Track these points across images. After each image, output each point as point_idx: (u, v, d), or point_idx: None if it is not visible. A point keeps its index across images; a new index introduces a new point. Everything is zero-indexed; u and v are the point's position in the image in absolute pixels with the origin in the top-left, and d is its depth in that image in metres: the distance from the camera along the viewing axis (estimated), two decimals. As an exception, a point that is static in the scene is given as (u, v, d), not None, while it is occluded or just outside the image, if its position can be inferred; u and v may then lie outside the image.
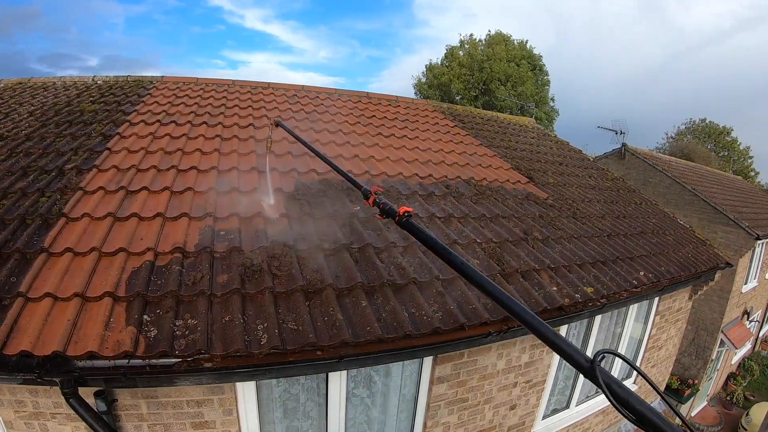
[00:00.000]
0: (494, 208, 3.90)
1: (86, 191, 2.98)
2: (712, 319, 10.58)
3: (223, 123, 4.50)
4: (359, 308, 2.30)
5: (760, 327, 14.09)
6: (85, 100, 4.93)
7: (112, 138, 3.87)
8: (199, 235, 2.62)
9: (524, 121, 8.12)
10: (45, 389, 2.00)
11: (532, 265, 3.13)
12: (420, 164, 4.50)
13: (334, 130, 4.89)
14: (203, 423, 2.25)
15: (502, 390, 3.20)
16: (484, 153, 5.46)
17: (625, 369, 4.68)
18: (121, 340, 1.86)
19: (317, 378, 2.58)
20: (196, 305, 2.11)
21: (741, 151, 27.90)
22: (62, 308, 2.00)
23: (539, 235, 3.64)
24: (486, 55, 20.07)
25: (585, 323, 3.80)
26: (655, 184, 11.65)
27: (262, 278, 2.33)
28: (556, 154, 6.62)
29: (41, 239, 2.44)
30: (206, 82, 6.03)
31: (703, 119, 28.69)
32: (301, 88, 6.36)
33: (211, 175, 3.38)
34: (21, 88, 5.48)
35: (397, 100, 6.96)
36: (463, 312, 2.47)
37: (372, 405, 2.90)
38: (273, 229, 2.80)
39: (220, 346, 1.93)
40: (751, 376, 13.08)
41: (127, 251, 2.41)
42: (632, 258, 3.87)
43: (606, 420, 4.51)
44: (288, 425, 2.64)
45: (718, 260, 4.72)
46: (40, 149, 3.58)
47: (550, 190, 4.86)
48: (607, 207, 5.03)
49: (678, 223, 5.39)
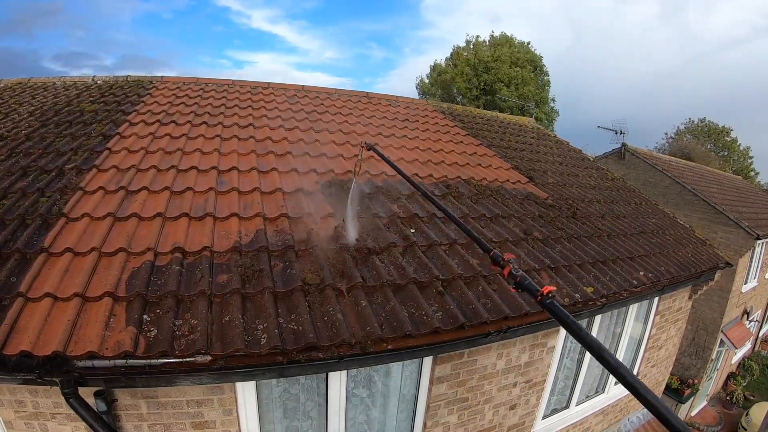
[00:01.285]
0: (494, 207, 3.90)
1: (86, 191, 2.98)
2: (712, 319, 10.59)
3: (223, 123, 4.50)
4: (360, 307, 2.30)
5: (760, 327, 14.10)
6: (85, 100, 4.93)
7: (112, 138, 3.87)
8: (200, 235, 2.62)
9: (524, 121, 8.12)
10: (45, 389, 2.00)
11: (532, 265, 3.13)
12: (420, 164, 4.50)
13: (334, 130, 4.89)
14: (203, 423, 2.25)
15: (502, 390, 3.20)
16: (484, 153, 5.46)
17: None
18: (121, 340, 1.86)
19: (317, 378, 2.58)
20: (197, 305, 2.11)
21: (741, 151, 27.90)
22: (62, 308, 2.00)
23: (539, 234, 3.64)
24: (492, 56, 20.12)
25: (585, 323, 3.80)
26: (655, 184, 11.65)
27: (262, 279, 2.33)
28: (556, 153, 6.62)
29: (41, 239, 2.44)
30: (206, 82, 6.03)
31: (703, 119, 28.69)
32: (301, 88, 6.37)
33: (211, 174, 3.38)
34: (21, 88, 5.48)
35: (397, 100, 6.96)
36: (463, 312, 2.47)
37: (372, 405, 2.90)
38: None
39: (220, 346, 1.93)
40: (751, 376, 13.08)
41: (127, 251, 2.41)
42: (632, 258, 3.87)
43: (606, 420, 4.51)
44: (288, 425, 2.64)
45: (718, 260, 4.72)
46: (40, 149, 3.58)
47: (550, 190, 4.86)
48: (607, 207, 5.03)
49: (678, 223, 5.39)
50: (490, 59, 20.11)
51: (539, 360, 3.35)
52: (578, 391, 4.04)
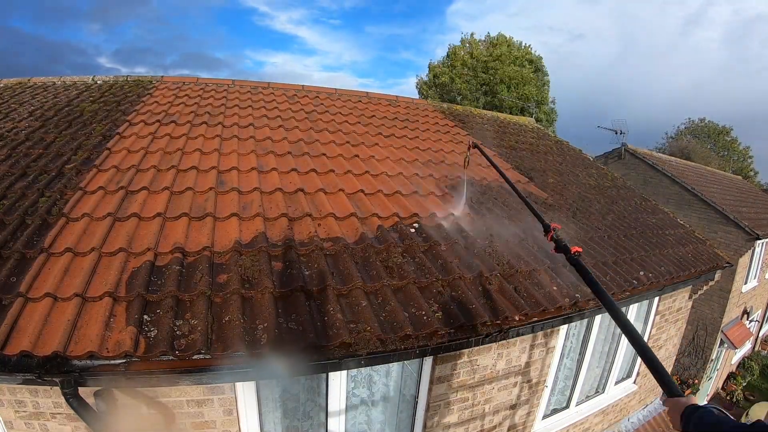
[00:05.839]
0: (494, 207, 3.90)
1: (86, 191, 2.98)
2: (712, 319, 10.59)
3: (223, 123, 4.50)
4: (360, 306, 2.30)
5: (760, 327, 14.09)
6: (85, 100, 4.93)
7: (112, 138, 3.87)
8: (200, 235, 2.62)
9: (524, 121, 8.11)
10: (45, 389, 2.00)
11: (532, 265, 3.13)
12: (420, 164, 4.50)
13: (334, 130, 4.89)
14: (203, 423, 2.25)
15: (502, 390, 3.20)
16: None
17: (625, 369, 4.68)
18: (121, 340, 1.86)
19: (317, 378, 2.58)
20: (197, 305, 2.11)
21: (741, 151, 27.90)
22: (62, 308, 2.00)
23: (539, 234, 3.64)
24: (492, 56, 20.07)
25: (585, 323, 3.80)
26: (655, 184, 11.65)
27: (262, 279, 2.33)
28: (556, 153, 6.62)
29: (41, 239, 2.44)
30: (206, 82, 6.03)
31: (703, 119, 28.70)
32: (302, 88, 6.36)
33: (211, 174, 3.37)
34: (21, 88, 5.48)
35: (397, 100, 6.96)
36: (463, 312, 2.47)
37: (372, 405, 2.90)
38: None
39: (220, 346, 1.93)
40: (751, 376, 13.08)
41: (127, 251, 2.41)
42: (632, 258, 3.87)
43: (606, 420, 4.51)
44: (288, 425, 2.64)
45: (718, 260, 4.72)
46: (40, 149, 3.58)
47: (550, 190, 4.86)
48: (607, 207, 5.03)
49: (678, 223, 5.39)
50: (489, 59, 20.07)
51: (539, 360, 3.35)
52: (578, 391, 4.04)
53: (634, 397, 4.81)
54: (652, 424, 5.01)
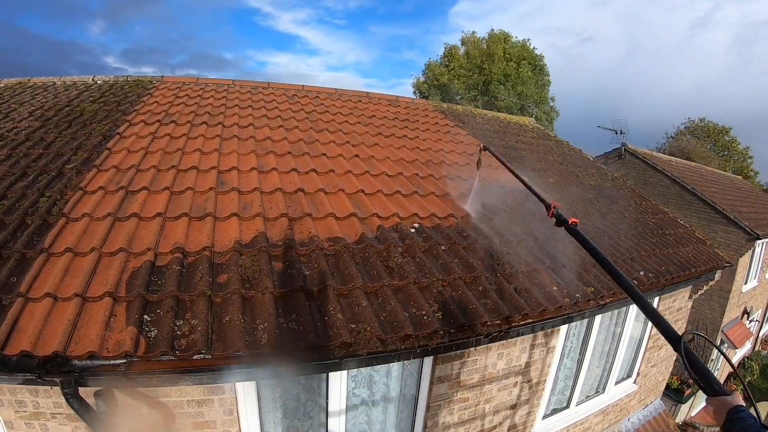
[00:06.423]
0: (494, 208, 3.90)
1: (86, 191, 2.98)
2: (712, 319, 10.59)
3: (223, 123, 4.50)
4: (360, 305, 2.30)
5: (760, 327, 14.09)
6: (85, 100, 4.93)
7: (112, 138, 3.87)
8: (200, 235, 2.62)
9: (524, 121, 8.12)
10: (45, 389, 2.00)
11: (532, 265, 3.13)
12: (420, 164, 4.50)
13: (334, 130, 4.89)
14: (204, 423, 2.25)
15: (503, 390, 3.21)
16: (484, 152, 5.45)
17: (625, 369, 4.68)
18: (122, 340, 1.86)
19: (317, 378, 2.58)
20: (197, 305, 2.11)
21: (740, 151, 27.89)
22: (62, 308, 2.00)
23: (539, 234, 3.64)
24: (485, 55, 20.02)
25: (585, 323, 3.80)
26: (655, 184, 11.65)
27: (262, 279, 2.33)
28: (555, 153, 6.62)
29: (41, 239, 2.44)
30: (206, 82, 6.03)
31: (702, 119, 28.69)
32: (302, 88, 6.36)
33: (211, 174, 3.37)
34: (21, 88, 5.47)
35: (397, 100, 6.96)
36: (463, 312, 2.47)
37: (372, 405, 2.90)
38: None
39: (221, 346, 1.93)
40: (751, 376, 13.08)
41: (128, 251, 2.40)
42: (632, 258, 3.87)
43: (606, 420, 4.51)
44: (288, 425, 2.64)
45: (718, 260, 4.72)
46: (40, 149, 3.58)
47: (550, 190, 4.85)
48: (607, 207, 5.02)
49: (678, 223, 5.39)
50: (484, 58, 20.02)
51: (539, 360, 3.35)
52: (578, 391, 4.04)
53: (634, 397, 4.81)
54: (652, 423, 5.01)
